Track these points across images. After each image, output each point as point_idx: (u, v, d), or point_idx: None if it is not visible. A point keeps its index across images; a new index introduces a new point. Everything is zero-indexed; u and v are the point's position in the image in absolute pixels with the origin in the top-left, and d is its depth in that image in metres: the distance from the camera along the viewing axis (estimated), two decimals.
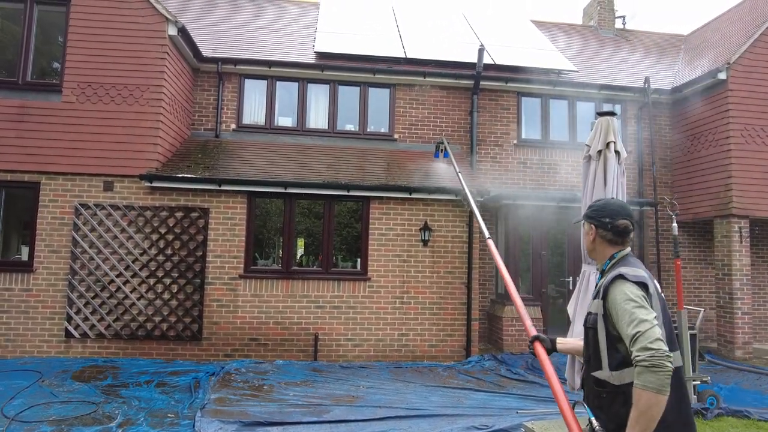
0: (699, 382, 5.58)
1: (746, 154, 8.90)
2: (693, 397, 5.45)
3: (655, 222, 9.77)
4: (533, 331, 2.55)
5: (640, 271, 2.05)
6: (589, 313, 2.15)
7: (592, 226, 2.26)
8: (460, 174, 6.23)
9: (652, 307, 1.95)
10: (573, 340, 2.60)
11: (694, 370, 5.54)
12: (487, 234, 4.20)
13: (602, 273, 2.24)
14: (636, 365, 1.80)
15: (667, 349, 1.80)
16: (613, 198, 2.54)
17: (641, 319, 1.85)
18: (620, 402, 1.93)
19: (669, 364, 1.76)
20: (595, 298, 2.15)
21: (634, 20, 29.92)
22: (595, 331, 2.07)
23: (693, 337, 5.64)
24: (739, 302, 8.70)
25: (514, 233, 8.89)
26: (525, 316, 2.80)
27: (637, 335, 1.82)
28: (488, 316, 9.29)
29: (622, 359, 1.95)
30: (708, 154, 9.37)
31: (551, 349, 2.47)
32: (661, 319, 1.98)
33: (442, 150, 8.67)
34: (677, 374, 1.96)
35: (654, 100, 10.09)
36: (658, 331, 1.83)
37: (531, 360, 7.70)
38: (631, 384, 1.85)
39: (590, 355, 2.12)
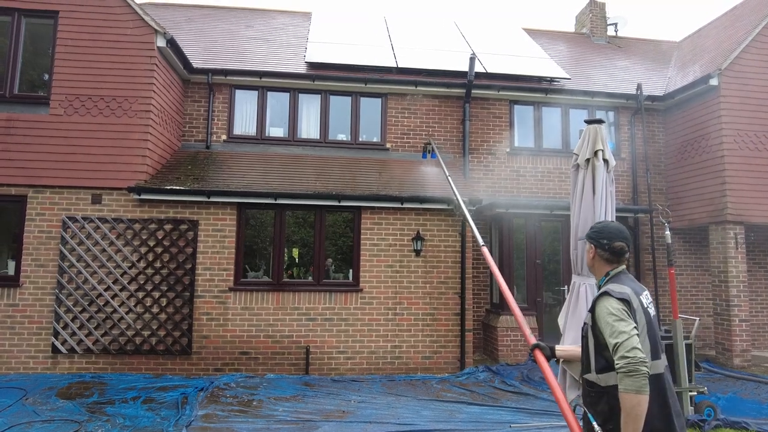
0: (696, 393, 5.48)
1: (740, 159, 8.86)
2: (690, 409, 5.34)
3: (650, 229, 9.71)
4: (533, 340, 2.72)
5: (625, 288, 2.29)
6: (584, 324, 2.42)
7: (592, 246, 2.51)
8: (450, 177, 6.38)
9: (636, 320, 2.19)
10: (571, 347, 2.83)
11: (690, 381, 5.44)
12: (481, 241, 4.19)
13: (599, 287, 2.48)
14: (618, 372, 2.06)
15: (642, 355, 2.05)
16: (612, 221, 2.78)
17: (620, 330, 2.11)
18: (605, 401, 2.21)
19: (644, 368, 2.03)
20: (589, 311, 2.38)
21: (627, 27, 29.99)
22: (587, 340, 2.35)
23: (688, 347, 5.54)
24: (737, 309, 8.61)
25: (507, 242, 8.81)
26: (524, 325, 2.97)
27: (617, 345, 2.09)
28: (483, 326, 9.18)
29: (605, 364, 2.22)
30: (702, 160, 9.32)
31: (550, 356, 2.67)
32: (645, 331, 2.24)
33: (429, 151, 9.10)
34: (659, 381, 2.22)
35: (647, 107, 10.07)
36: (635, 341, 2.08)
37: (526, 371, 7.59)
38: (613, 386, 2.13)
39: (584, 360, 2.40)
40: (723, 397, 6.43)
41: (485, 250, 4.00)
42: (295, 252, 8.49)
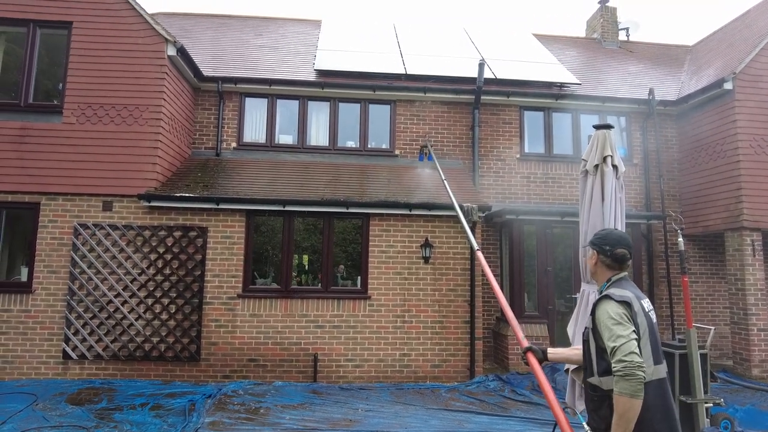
0: (711, 405, 5.32)
1: (756, 165, 8.67)
2: (705, 421, 5.19)
3: (663, 235, 9.53)
4: (525, 343, 2.81)
5: (626, 292, 2.31)
6: (585, 328, 2.44)
7: (595, 252, 2.56)
8: (446, 181, 6.38)
9: (637, 323, 2.21)
10: (563, 349, 2.91)
11: (705, 392, 5.28)
12: (476, 245, 4.34)
13: (600, 293, 2.46)
14: (614, 375, 2.10)
15: (640, 360, 2.07)
16: (615, 229, 2.87)
17: (618, 334, 2.14)
18: (607, 405, 2.21)
19: (640, 373, 2.04)
20: (590, 314, 2.40)
21: (638, 32, 29.81)
22: (588, 344, 2.38)
23: (703, 356, 5.39)
24: (754, 318, 8.40)
25: (518, 249, 8.70)
26: (517, 329, 3.04)
27: (615, 349, 2.11)
28: (493, 334, 9.07)
29: (606, 367, 2.23)
30: (716, 166, 9.15)
31: (543, 359, 2.73)
32: (647, 335, 2.25)
33: (426, 153, 9.21)
34: (662, 385, 2.25)
35: (659, 112, 9.93)
36: (633, 345, 2.09)
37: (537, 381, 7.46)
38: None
39: (586, 364, 2.43)
40: (741, 408, 6.24)
41: (480, 255, 4.13)
42: (305, 258, 8.49)
